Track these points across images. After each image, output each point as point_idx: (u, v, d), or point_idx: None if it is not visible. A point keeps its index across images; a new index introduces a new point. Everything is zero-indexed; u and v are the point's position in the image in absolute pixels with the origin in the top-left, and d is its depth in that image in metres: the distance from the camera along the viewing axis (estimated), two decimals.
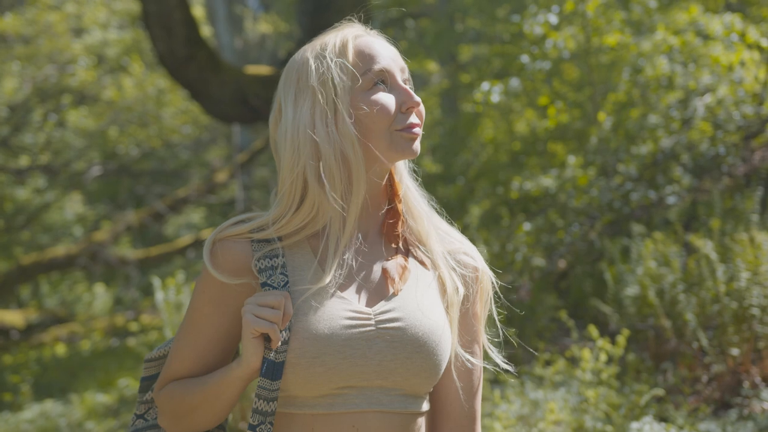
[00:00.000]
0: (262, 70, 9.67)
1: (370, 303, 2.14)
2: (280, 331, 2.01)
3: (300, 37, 10.46)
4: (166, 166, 19.92)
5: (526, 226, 8.38)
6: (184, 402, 2.15)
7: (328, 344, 2.04)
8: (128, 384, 9.77)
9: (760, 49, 8.81)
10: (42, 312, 15.63)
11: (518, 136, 11.68)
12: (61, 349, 13.50)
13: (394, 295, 2.15)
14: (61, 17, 16.08)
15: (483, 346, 2.29)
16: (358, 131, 2.12)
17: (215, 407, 2.13)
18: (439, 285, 2.22)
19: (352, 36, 2.18)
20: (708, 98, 8.70)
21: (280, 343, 2.01)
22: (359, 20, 2.27)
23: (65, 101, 16.67)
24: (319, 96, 2.13)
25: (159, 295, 7.94)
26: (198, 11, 19.65)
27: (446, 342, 2.15)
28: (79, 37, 16.99)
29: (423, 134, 2.22)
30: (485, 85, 9.20)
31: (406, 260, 2.22)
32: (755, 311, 5.58)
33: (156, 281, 7.91)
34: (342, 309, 2.09)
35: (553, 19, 9.35)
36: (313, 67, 2.16)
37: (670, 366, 6.09)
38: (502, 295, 2.33)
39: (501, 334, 2.31)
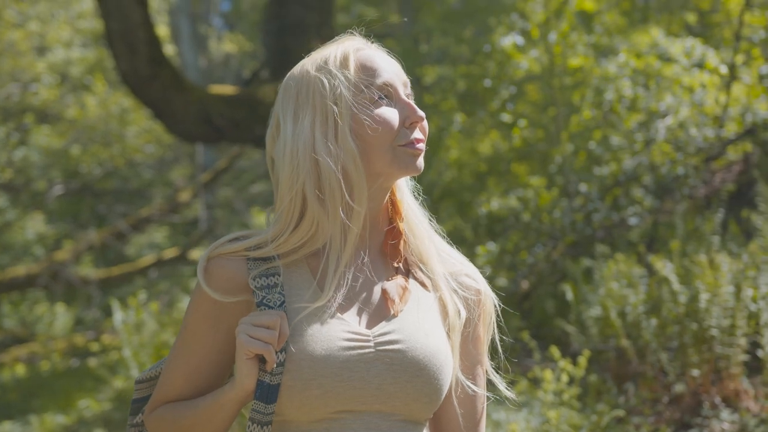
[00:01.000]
0: (227, 89, 9.65)
1: (370, 324, 2.06)
2: (276, 353, 1.94)
3: (265, 57, 10.46)
4: (128, 185, 19.81)
5: (490, 245, 8.40)
6: (175, 425, 2.07)
7: (325, 366, 1.97)
8: (88, 405, 9.69)
9: (719, 71, 8.90)
10: (2, 332, 15.49)
11: (482, 156, 11.72)
12: (20, 370, 13.36)
13: (394, 316, 2.07)
14: (24, 35, 16.00)
15: (486, 372, 2.22)
16: (360, 147, 2.05)
17: (208, 431, 2.05)
18: (440, 307, 2.15)
19: (353, 49, 2.12)
20: (669, 120, 8.77)
21: (275, 365, 1.94)
22: (360, 34, 2.20)
23: (28, 120, 16.57)
24: (320, 111, 2.06)
25: (118, 316, 7.89)
26: (162, 30, 19.61)
27: (448, 366, 2.08)
28: (42, 55, 16.91)
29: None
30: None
31: (406, 281, 2.14)
32: (715, 332, 5.61)
33: (115, 303, 7.86)
34: (340, 330, 2.01)
35: (520, 40, 9.42)
36: (313, 80, 2.09)
37: (631, 387, 6.11)
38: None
39: (503, 359, 2.25)
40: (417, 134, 2.08)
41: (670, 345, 6.03)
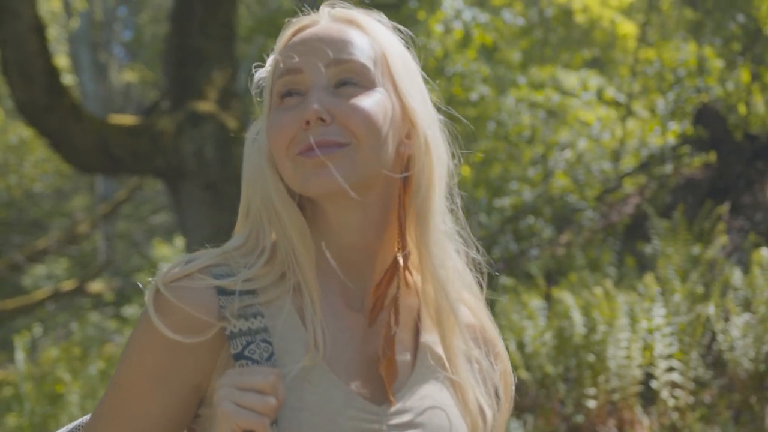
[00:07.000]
0: (126, 119, 9.51)
1: (375, 397, 1.53)
2: (270, 425, 1.40)
3: (165, 87, 10.35)
4: (26, 215, 19.42)
5: None
6: None
7: None
8: None
9: (617, 104, 9.09)
10: None
11: None
12: None
13: (404, 386, 1.56)
14: None
15: None
16: (274, 158, 1.55)
17: None
18: (455, 387, 1.62)
19: (293, 31, 1.60)
20: (568, 153, 8.91)
21: None
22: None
23: None
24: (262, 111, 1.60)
25: (19, 356, 7.68)
26: (62, 59, 19.35)
27: None
28: None
29: None
30: None
31: (416, 339, 1.62)
32: (611, 364, 5.69)
33: (19, 340, 7.67)
34: (344, 404, 1.49)
35: None
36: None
37: (530, 418, 6.15)
38: None
39: None
40: (317, 136, 1.50)
41: (568, 376, 6.09)
